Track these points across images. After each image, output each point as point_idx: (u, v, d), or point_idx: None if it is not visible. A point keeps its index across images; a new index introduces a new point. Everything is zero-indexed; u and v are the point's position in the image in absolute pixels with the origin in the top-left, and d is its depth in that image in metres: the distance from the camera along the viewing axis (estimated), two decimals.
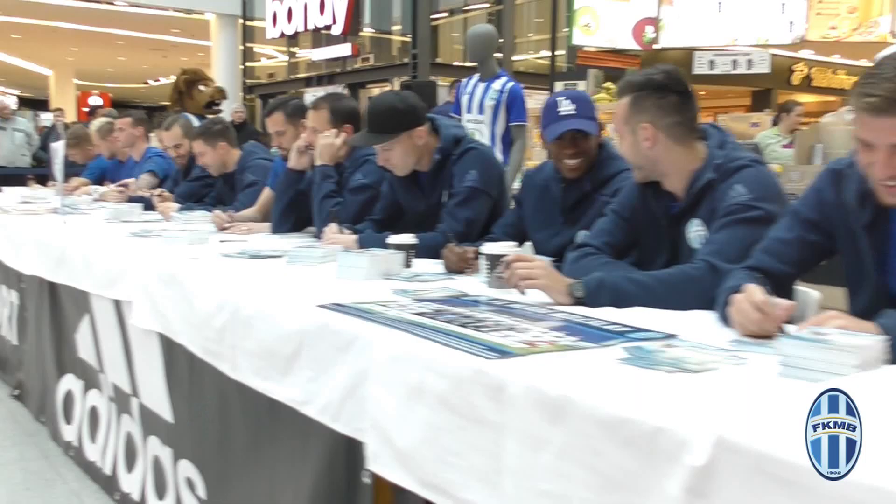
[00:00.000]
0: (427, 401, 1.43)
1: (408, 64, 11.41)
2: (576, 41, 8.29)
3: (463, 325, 1.64)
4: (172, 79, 28.52)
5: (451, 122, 3.05)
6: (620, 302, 1.91)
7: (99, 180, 6.10)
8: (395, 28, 13.66)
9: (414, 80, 10.73)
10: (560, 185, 2.66)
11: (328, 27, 12.41)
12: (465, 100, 5.46)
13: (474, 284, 2.25)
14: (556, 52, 11.77)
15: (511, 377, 1.30)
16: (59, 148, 3.75)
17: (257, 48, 16.48)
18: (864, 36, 7.81)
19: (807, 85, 19.03)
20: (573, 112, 2.57)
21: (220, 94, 7.65)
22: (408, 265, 2.49)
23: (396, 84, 11.56)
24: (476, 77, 5.51)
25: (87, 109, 23.64)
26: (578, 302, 1.92)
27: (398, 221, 3.23)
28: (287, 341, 1.82)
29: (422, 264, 2.53)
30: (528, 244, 2.85)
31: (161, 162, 5.63)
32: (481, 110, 5.35)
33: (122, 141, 5.64)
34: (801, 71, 18.34)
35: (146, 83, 32.64)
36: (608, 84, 7.52)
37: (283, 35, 13.69)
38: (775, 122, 7.38)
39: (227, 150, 4.22)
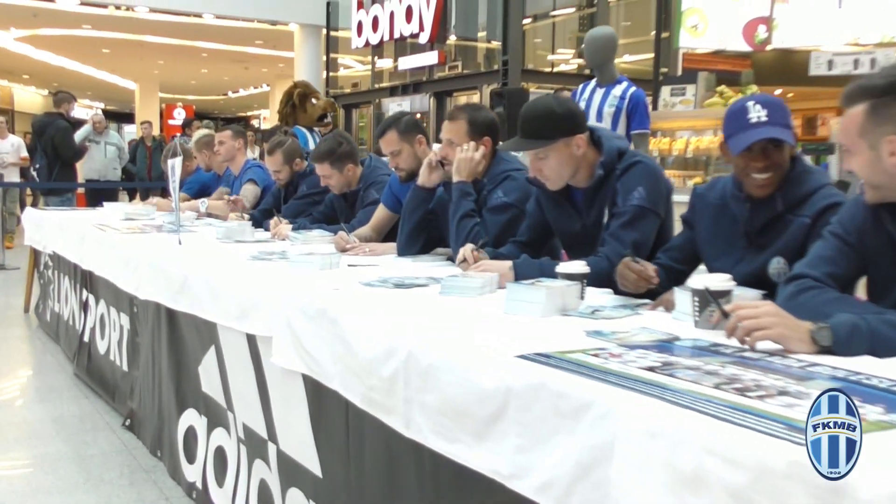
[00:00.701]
0: (712, 495, 1.11)
1: (497, 70, 11.10)
2: (682, 43, 7.85)
3: (717, 387, 1.32)
4: (252, 90, 28.81)
5: (613, 133, 2.72)
6: (880, 350, 1.57)
7: (198, 195, 5.96)
8: (481, 35, 13.36)
9: (505, 87, 10.42)
10: (744, 204, 2.29)
11: (415, 35, 12.20)
12: (581, 106, 5.12)
13: (667, 321, 1.94)
14: (649, 56, 11.34)
15: (854, 476, 0.97)
16: (176, 165, 3.55)
17: (340, 58, 16.40)
18: None
19: None
20: (765, 119, 2.21)
21: (333, 107, 7.54)
22: (581, 297, 2.17)
23: (486, 92, 11.27)
24: (593, 83, 5.18)
25: (173, 122, 24.09)
26: (823, 350, 1.58)
27: (546, 244, 2.93)
28: (485, 400, 1.51)
29: (589, 294, 2.23)
30: (702, 269, 2.50)
31: (260, 172, 5.45)
32: (600, 117, 5.01)
33: (223, 154, 5.48)
34: None
35: (226, 94, 33.19)
36: (722, 88, 7.09)
37: (367, 44, 13.54)
38: None
39: (353, 171, 4.00)
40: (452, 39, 12.99)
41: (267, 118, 31.80)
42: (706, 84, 7.16)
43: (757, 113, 2.22)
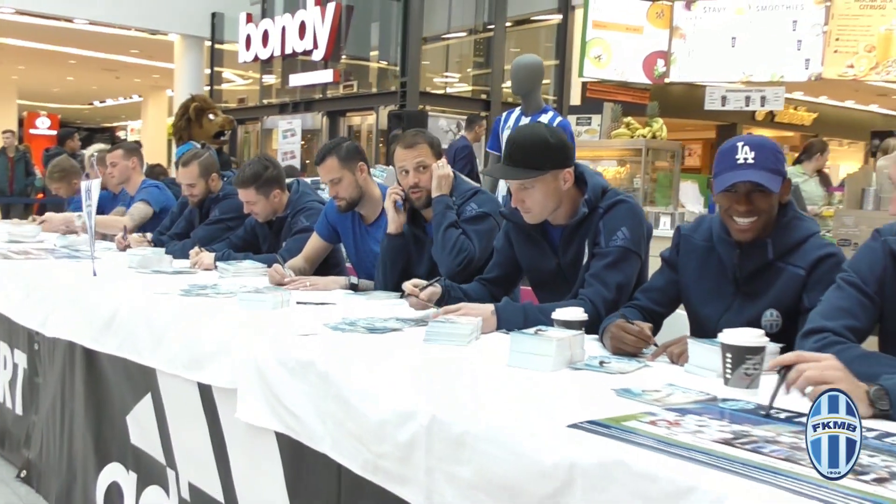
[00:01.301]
0: None
1: (395, 92, 10.92)
2: (586, 73, 7.95)
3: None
4: (122, 100, 27.42)
5: (593, 170, 2.62)
6: None
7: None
8: (373, 55, 13.19)
9: (403, 109, 10.28)
10: (733, 249, 2.21)
11: (308, 52, 11.87)
12: (505, 135, 5.05)
13: (682, 375, 1.83)
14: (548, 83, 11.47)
15: None
16: (93, 187, 3.18)
17: (225, 72, 15.81)
18: (882, 76, 7.66)
19: (769, 120, 19.21)
20: (752, 161, 2.14)
21: (230, 124, 7.11)
22: (583, 346, 2.03)
23: (383, 114, 11.11)
24: (518, 111, 5.12)
25: (35, 131, 22.65)
26: (880, 414, 1.50)
27: (514, 282, 2.80)
28: (542, 476, 1.34)
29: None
30: (682, 313, 2.42)
31: (156, 193, 5.08)
32: None
33: (117, 176, 5.06)
34: None
35: (91, 104, 31.54)
36: (628, 119, 7.20)
37: (256, 59, 13.10)
38: (798, 161, 7.14)
39: (280, 196, 3.72)
40: (344, 58, 12.75)
41: (135, 129, 30.43)
42: (612, 115, 7.26)
43: (744, 154, 2.15)
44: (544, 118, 4.95)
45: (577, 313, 2.09)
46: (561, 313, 2.09)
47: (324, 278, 3.28)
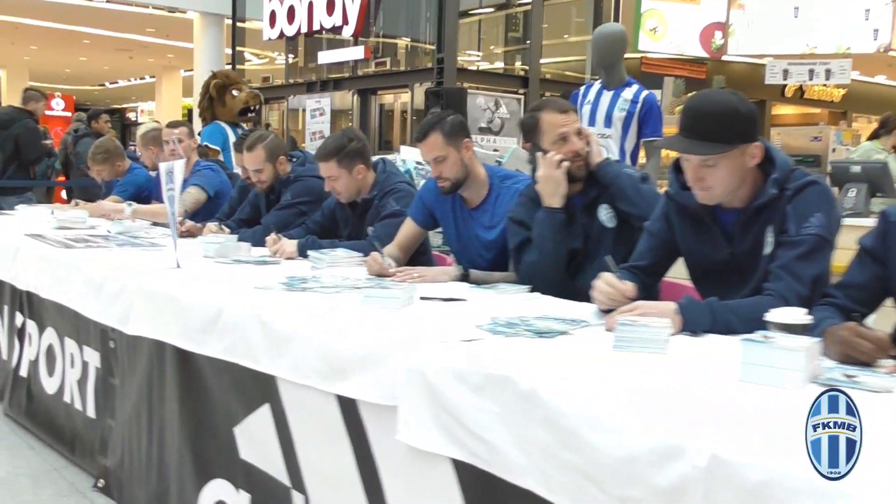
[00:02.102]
0: None
1: (431, 69, 10.55)
2: (642, 47, 7.59)
3: None
4: (133, 81, 27.10)
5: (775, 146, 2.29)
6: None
7: (134, 198, 5.19)
8: (403, 31, 12.76)
9: (440, 86, 9.90)
10: None
11: (338, 28, 11.47)
12: (585, 110, 4.70)
13: None
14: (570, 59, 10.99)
15: None
16: (177, 169, 2.85)
17: (248, 51, 15.41)
18: None
19: (799, 97, 18.78)
20: None
21: (256, 98, 6.72)
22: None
23: (418, 92, 10.73)
24: (598, 84, 4.76)
25: (51, 112, 22.32)
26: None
27: (664, 272, 2.48)
28: None
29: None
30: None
31: (211, 176, 4.78)
32: (609, 123, 4.60)
33: (182, 154, 4.72)
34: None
35: (103, 85, 31.20)
36: (693, 94, 6.84)
37: (282, 35, 12.70)
38: (875, 136, 6.78)
39: (365, 174, 3.39)
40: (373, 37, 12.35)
41: (145, 111, 30.11)
42: (675, 89, 6.91)
43: None
44: (629, 92, 4.61)
45: (799, 315, 1.76)
46: (780, 315, 1.77)
47: (431, 269, 2.97)
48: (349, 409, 1.91)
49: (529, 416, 1.49)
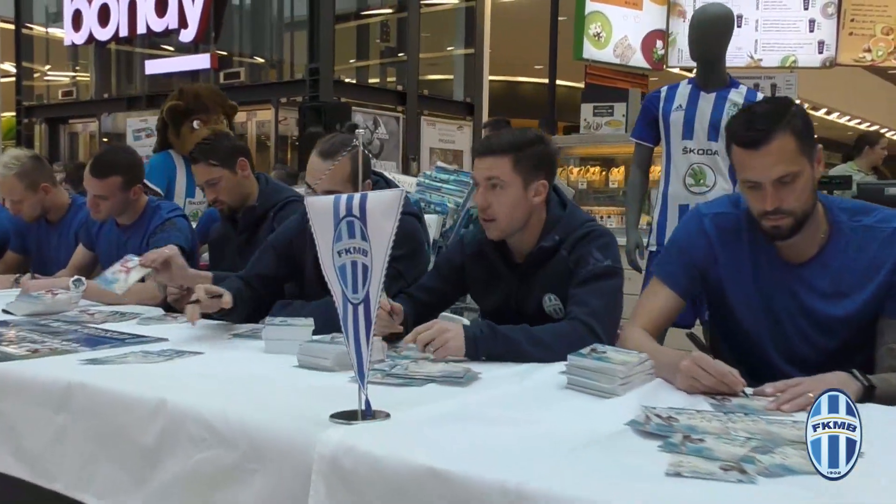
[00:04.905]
0: None
1: (303, 80, 8.86)
2: (585, 54, 6.68)
3: None
4: None
5: None
6: None
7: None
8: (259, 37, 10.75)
9: (314, 100, 8.34)
10: None
11: (168, 32, 9.45)
12: (675, 118, 3.61)
13: None
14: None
15: None
16: None
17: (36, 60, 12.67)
18: None
19: None
20: None
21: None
22: None
23: (281, 107, 9.08)
24: (690, 86, 3.67)
25: None
26: None
27: None
28: None
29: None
30: None
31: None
32: (715, 134, 3.52)
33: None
34: None
35: None
36: None
37: (91, 40, 10.43)
38: (849, 157, 6.33)
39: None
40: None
41: None
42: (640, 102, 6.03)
43: None
44: (737, 95, 3.56)
45: None
46: None
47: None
48: None
49: None
